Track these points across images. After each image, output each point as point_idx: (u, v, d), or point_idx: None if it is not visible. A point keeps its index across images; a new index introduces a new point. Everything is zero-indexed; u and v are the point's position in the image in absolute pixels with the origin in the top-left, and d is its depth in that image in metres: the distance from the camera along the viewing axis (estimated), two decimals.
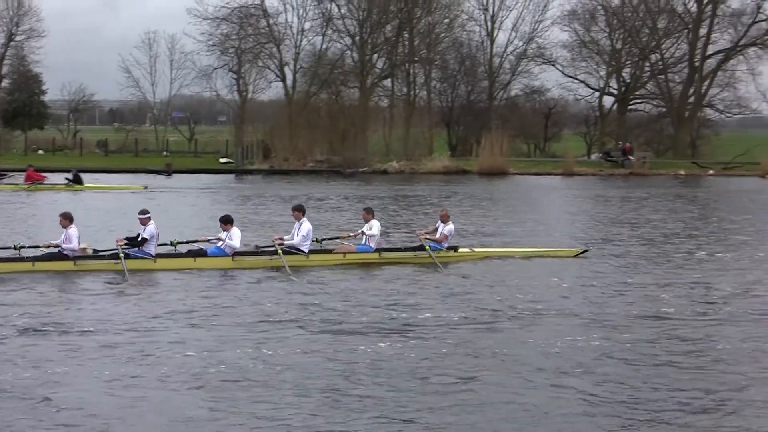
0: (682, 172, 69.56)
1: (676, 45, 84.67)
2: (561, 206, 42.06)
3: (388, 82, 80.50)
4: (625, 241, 29.36)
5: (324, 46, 79.35)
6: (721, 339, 15.79)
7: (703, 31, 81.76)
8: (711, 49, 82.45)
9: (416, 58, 79.39)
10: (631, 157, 71.47)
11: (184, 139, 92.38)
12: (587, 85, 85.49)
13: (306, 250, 23.70)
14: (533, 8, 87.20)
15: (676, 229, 33.03)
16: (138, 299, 18.67)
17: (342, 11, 78.90)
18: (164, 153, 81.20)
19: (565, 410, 11.84)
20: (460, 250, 25.07)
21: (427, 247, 24.38)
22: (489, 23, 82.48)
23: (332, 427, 11.05)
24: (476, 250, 25.46)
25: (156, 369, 13.28)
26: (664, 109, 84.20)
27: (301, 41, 78.94)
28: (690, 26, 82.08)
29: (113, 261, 22.21)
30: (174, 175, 63.83)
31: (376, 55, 79.55)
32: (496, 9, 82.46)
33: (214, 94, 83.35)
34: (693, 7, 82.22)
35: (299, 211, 24.22)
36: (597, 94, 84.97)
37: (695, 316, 17.54)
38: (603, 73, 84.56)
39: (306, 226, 23.82)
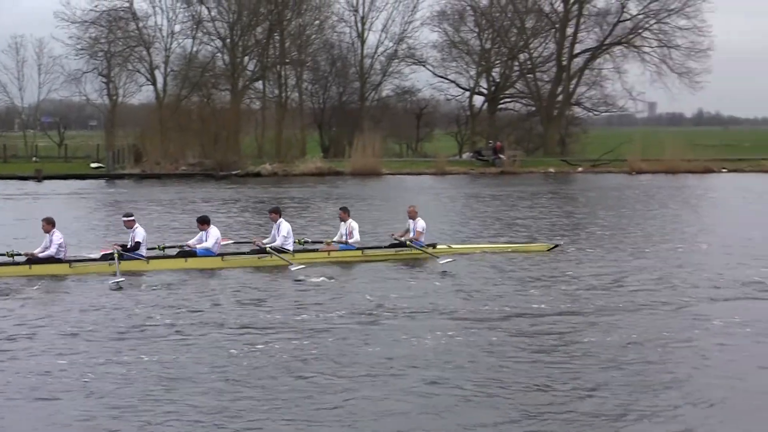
0: (552, 170, 70.63)
1: (544, 44, 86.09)
2: (438, 205, 42.46)
3: (259, 85, 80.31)
4: (503, 235, 29.91)
5: (194, 49, 78.94)
6: (588, 332, 16.25)
7: (570, 31, 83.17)
8: (578, 48, 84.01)
9: (287, 60, 79.28)
10: (501, 156, 72.31)
11: (53, 144, 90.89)
12: (458, 85, 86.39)
13: (291, 249, 24.42)
14: (403, 9, 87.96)
15: (545, 226, 33.66)
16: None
17: (212, 14, 78.58)
18: (33, 159, 79.83)
19: (421, 406, 12.17)
20: (439, 246, 25.68)
21: (408, 243, 25.19)
22: (359, 24, 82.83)
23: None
24: (453, 246, 26.13)
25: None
26: (534, 108, 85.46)
27: (171, 44, 78.38)
28: (557, 26, 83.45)
29: (107, 262, 22.69)
30: (44, 181, 62.88)
31: (247, 58, 79.28)
32: (366, 10, 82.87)
33: (84, 98, 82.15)
34: (560, 6, 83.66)
35: (276, 213, 25.05)
36: (467, 93, 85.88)
37: (562, 311, 18.00)
38: (473, 72, 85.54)
39: (285, 226, 24.60)
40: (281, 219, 24.89)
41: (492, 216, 37.22)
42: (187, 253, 23.76)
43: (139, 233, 23.52)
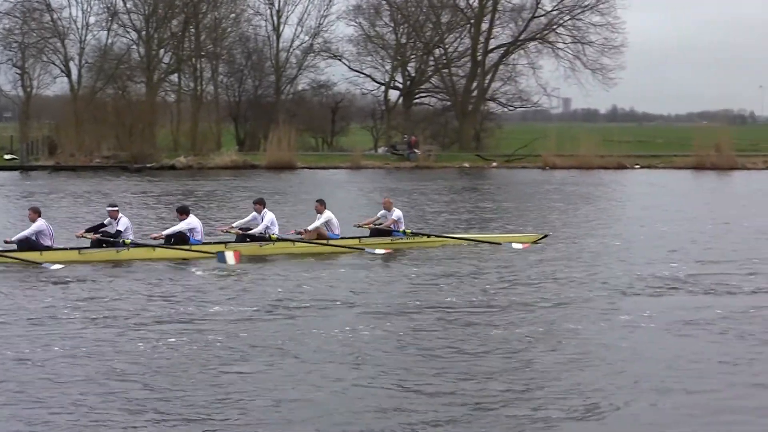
0: (467, 165, 71.08)
1: (459, 39, 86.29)
2: (353, 199, 42.64)
3: (175, 77, 79.85)
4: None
5: (109, 41, 78.26)
6: (497, 326, 16.50)
7: (484, 26, 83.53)
8: (493, 44, 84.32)
9: (203, 53, 78.89)
10: (416, 151, 72.58)
11: None
12: (373, 80, 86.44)
13: (272, 234, 25.24)
14: (318, 3, 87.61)
15: (459, 219, 33.97)
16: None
17: (127, 6, 77.94)
18: None
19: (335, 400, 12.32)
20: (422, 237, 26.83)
21: (407, 230, 26.57)
22: (275, 18, 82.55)
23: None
24: (444, 236, 27.37)
25: None
26: (449, 103, 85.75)
27: (86, 36, 77.70)
28: (472, 21, 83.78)
29: (116, 249, 23.80)
30: None
31: (162, 50, 78.81)
32: (281, 4, 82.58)
33: None
34: (475, 2, 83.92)
35: (260, 204, 25.74)
36: (383, 88, 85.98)
37: (472, 305, 18.25)
38: (388, 67, 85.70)
39: (269, 216, 25.41)
40: (265, 210, 25.61)
41: (406, 208, 37.44)
42: (181, 241, 24.56)
43: (122, 222, 24.18)
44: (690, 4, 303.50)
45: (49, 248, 23.44)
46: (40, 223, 23.57)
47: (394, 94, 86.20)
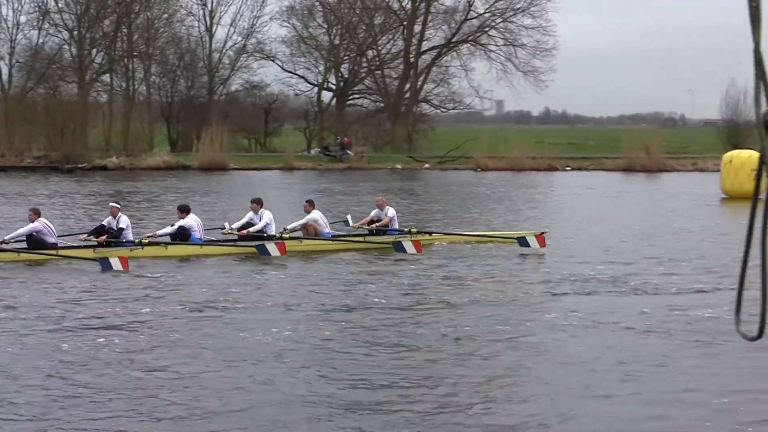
0: (399, 166, 71.34)
1: (392, 41, 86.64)
2: (286, 199, 42.72)
3: (107, 78, 79.50)
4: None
5: (41, 41, 77.84)
6: (424, 326, 16.70)
7: (417, 28, 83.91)
8: (426, 46, 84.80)
9: (135, 53, 78.56)
10: (349, 152, 72.70)
11: None
12: (306, 81, 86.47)
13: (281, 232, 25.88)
14: (251, 4, 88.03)
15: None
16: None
17: (59, 5, 77.45)
18: None
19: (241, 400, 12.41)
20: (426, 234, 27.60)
21: (410, 230, 27.30)
22: (207, 18, 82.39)
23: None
24: (435, 234, 28.18)
25: None
26: (382, 104, 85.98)
27: (16, 35, 77.19)
28: (405, 23, 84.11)
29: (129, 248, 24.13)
30: None
31: (94, 50, 78.43)
32: (214, 4, 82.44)
33: None
34: (407, 4, 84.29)
35: (257, 203, 26.45)
36: (316, 89, 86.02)
37: (400, 305, 18.44)
38: (322, 68, 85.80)
39: (267, 214, 26.03)
40: (263, 209, 26.23)
41: (333, 209, 37.61)
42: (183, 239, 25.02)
43: (123, 220, 24.64)
44: (623, 10, 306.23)
45: (55, 246, 23.74)
46: (36, 224, 23.75)
47: (327, 96, 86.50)
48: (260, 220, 25.91)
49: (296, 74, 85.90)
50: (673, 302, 18.92)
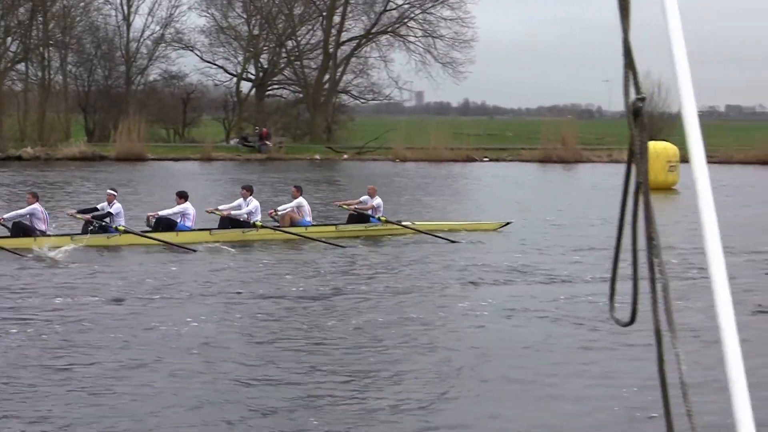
0: (318, 157, 71.32)
1: (311, 32, 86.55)
2: (204, 190, 42.61)
3: (22, 66, 78.51)
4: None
5: None
6: (340, 317, 16.80)
7: (337, 19, 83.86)
8: (345, 37, 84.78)
9: (51, 42, 77.70)
10: (268, 142, 72.56)
11: None
12: (226, 71, 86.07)
13: (256, 221, 26.39)
14: None
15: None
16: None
17: None
18: None
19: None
20: (403, 223, 28.42)
21: (382, 217, 27.98)
22: (125, 7, 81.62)
23: None
24: (417, 223, 28.74)
25: None
26: (301, 95, 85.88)
27: None
28: (324, 14, 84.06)
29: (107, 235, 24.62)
30: None
31: (9, 39, 77.40)
32: None
33: None
34: None
35: (247, 190, 27.16)
36: (235, 79, 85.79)
37: (320, 296, 18.55)
38: (241, 59, 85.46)
39: (254, 203, 26.63)
40: (251, 196, 26.89)
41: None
42: (168, 227, 25.44)
43: (115, 207, 25.15)
44: (542, 2, 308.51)
45: (43, 233, 24.17)
46: (35, 206, 24.44)
47: (246, 86, 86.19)
48: (246, 207, 26.53)
49: (215, 64, 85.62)
50: (584, 290, 19.21)
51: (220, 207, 26.92)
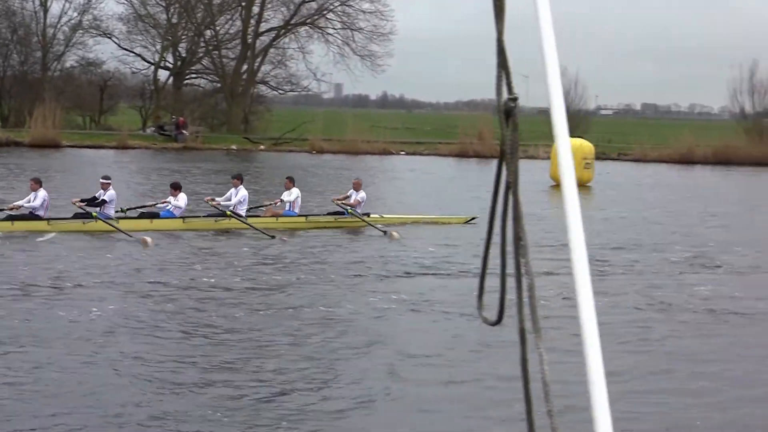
0: (234, 147, 71.05)
1: (230, 22, 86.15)
2: (122, 179, 42.32)
3: None
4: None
5: None
6: (248, 308, 16.96)
7: (256, 9, 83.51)
8: (264, 27, 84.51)
9: None
10: (184, 132, 72.15)
11: None
12: (143, 59, 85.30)
13: (243, 213, 27.18)
14: None
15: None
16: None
17: None
18: None
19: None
20: (372, 215, 28.92)
21: (350, 210, 28.46)
22: None
23: None
24: (385, 216, 29.40)
25: None
26: (219, 85, 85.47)
27: None
28: (243, 4, 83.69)
29: (81, 221, 25.28)
30: None
31: None
32: None
33: None
34: None
35: (238, 179, 27.80)
36: (153, 68, 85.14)
37: (237, 287, 18.70)
38: (159, 47, 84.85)
39: (243, 192, 27.23)
40: (241, 185, 27.54)
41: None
42: (151, 215, 26.54)
43: (109, 194, 25.82)
44: None
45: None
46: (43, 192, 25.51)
47: (164, 75, 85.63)
48: (235, 196, 27.21)
49: (133, 52, 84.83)
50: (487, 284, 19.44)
51: (216, 198, 27.67)
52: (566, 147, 2.47)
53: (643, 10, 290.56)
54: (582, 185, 47.27)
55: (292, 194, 28.71)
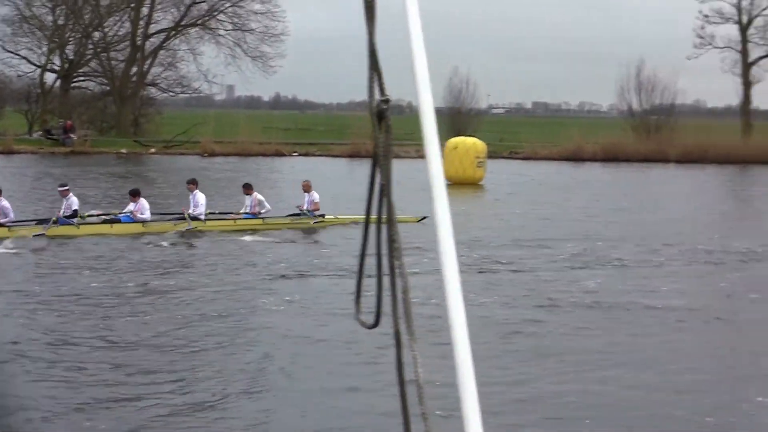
0: (124, 151, 70.12)
1: (119, 23, 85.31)
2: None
3: None
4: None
5: None
6: (149, 312, 16.75)
7: (145, 11, 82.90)
8: (154, 29, 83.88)
9: None
10: (72, 135, 71.04)
11: None
12: (29, 62, 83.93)
13: (203, 217, 28.00)
14: None
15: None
16: None
17: None
18: None
19: None
20: (327, 217, 29.98)
21: (306, 211, 29.31)
22: None
23: None
24: (339, 216, 29.93)
25: None
26: (108, 87, 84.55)
27: None
28: (132, 5, 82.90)
29: (42, 226, 25.62)
30: None
31: None
32: None
33: None
34: None
35: (193, 183, 28.54)
36: (39, 70, 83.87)
37: (148, 291, 18.51)
38: (45, 49, 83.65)
39: (201, 196, 27.96)
40: (197, 189, 28.23)
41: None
42: (112, 221, 26.99)
43: (73, 201, 26.38)
44: None
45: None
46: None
47: (51, 77, 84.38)
48: (193, 201, 27.94)
49: (18, 55, 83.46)
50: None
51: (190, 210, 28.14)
52: (435, 147, 2.52)
53: (538, 9, 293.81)
54: (474, 183, 47.65)
55: (256, 199, 29.32)
